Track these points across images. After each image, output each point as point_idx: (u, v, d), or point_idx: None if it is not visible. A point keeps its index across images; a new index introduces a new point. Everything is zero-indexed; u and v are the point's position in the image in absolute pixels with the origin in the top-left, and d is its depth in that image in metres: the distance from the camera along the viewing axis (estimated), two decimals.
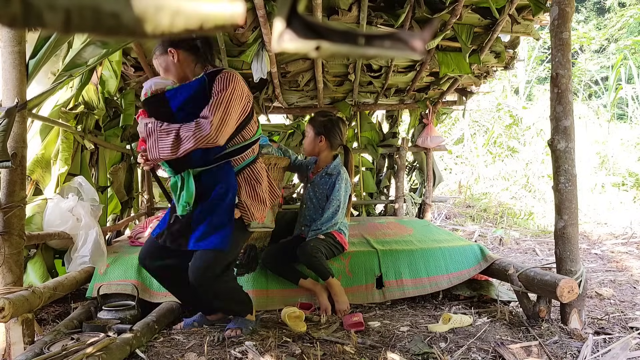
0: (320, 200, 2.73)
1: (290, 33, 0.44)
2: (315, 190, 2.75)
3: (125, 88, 3.71)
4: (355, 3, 3.00)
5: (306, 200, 2.77)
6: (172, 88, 1.92)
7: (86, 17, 0.36)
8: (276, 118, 5.27)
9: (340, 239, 2.65)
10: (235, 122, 1.93)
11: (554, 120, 2.22)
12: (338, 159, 2.81)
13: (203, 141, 1.83)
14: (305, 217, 2.75)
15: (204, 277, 1.92)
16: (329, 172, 2.75)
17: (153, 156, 1.88)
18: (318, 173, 2.78)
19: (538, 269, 2.23)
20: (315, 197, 2.74)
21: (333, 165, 2.76)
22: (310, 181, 2.80)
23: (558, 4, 2.20)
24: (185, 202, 1.94)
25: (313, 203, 2.74)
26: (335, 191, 2.67)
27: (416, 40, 0.45)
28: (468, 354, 1.85)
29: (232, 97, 1.90)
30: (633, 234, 4.90)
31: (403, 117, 5.35)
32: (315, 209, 2.72)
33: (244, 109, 1.98)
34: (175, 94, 1.90)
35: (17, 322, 1.82)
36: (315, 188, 2.75)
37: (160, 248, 2.05)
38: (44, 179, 2.67)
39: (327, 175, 2.75)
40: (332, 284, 2.46)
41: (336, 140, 2.77)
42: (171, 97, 1.90)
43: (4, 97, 1.91)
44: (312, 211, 2.73)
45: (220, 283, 1.99)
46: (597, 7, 13.91)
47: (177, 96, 1.90)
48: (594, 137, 8.34)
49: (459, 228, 5.66)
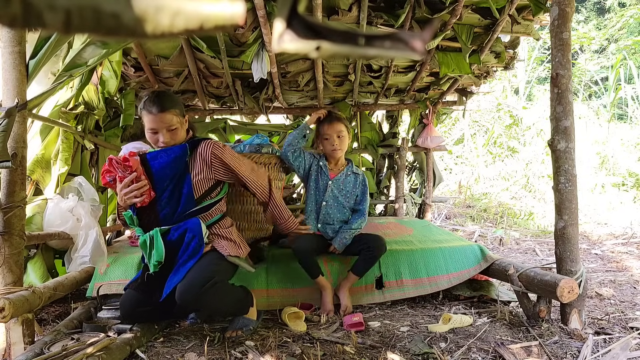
0: (348, 198, 2.71)
1: (290, 33, 0.44)
2: (341, 189, 2.71)
3: (125, 88, 3.72)
4: (355, 3, 3.00)
5: (328, 199, 2.70)
6: (153, 151, 2.11)
7: (86, 18, 0.36)
8: (276, 118, 5.27)
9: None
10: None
11: (554, 121, 2.22)
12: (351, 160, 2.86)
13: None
14: (328, 215, 2.70)
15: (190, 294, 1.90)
16: (355, 171, 2.77)
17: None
18: (342, 172, 2.75)
19: (538, 269, 2.23)
20: (341, 196, 2.71)
21: (356, 166, 2.81)
22: (332, 179, 2.73)
23: (558, 4, 2.20)
24: (156, 262, 2.00)
25: (338, 201, 2.70)
26: (366, 191, 2.74)
27: (416, 40, 0.45)
28: (468, 354, 1.85)
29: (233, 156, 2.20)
30: (633, 234, 4.90)
31: (403, 117, 5.35)
32: (340, 208, 2.70)
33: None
34: (157, 157, 2.08)
35: (17, 322, 1.81)
36: (341, 186, 2.72)
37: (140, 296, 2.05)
38: (44, 179, 2.67)
39: (353, 174, 2.75)
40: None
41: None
42: (151, 159, 2.07)
43: (4, 97, 1.91)
44: (335, 210, 2.69)
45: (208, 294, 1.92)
46: (597, 7, 13.91)
47: (158, 159, 2.08)
48: (594, 137, 8.34)
49: (459, 228, 5.66)
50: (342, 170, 2.75)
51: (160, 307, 2.04)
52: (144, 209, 2.05)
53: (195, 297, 1.87)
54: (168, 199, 2.07)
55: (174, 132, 2.08)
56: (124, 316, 2.04)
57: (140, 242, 2.03)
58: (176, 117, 2.08)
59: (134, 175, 1.98)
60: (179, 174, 2.07)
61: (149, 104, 2.03)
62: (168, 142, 2.08)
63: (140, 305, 2.02)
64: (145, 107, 2.04)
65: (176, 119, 2.08)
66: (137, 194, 1.98)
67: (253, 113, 4.58)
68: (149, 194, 2.02)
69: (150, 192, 2.03)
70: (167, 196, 2.07)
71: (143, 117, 2.09)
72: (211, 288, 1.90)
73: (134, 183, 1.99)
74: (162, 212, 2.07)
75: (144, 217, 2.07)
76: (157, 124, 2.04)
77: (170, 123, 2.05)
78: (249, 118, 4.79)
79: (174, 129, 2.07)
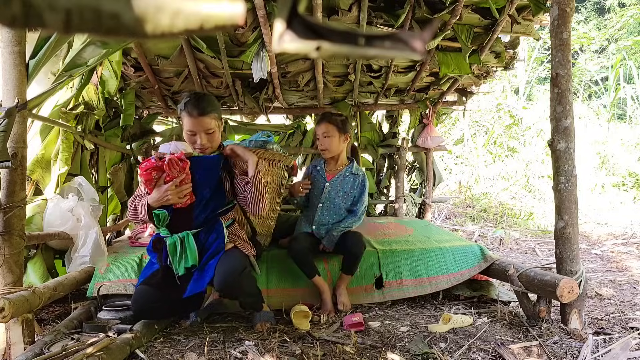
0: (345, 199, 2.70)
1: (290, 33, 0.44)
2: (338, 190, 2.71)
3: (125, 88, 3.72)
4: (355, 3, 3.00)
5: (324, 200, 2.71)
6: (197, 156, 2.12)
7: (86, 18, 0.36)
8: (276, 118, 5.27)
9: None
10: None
11: (554, 121, 2.22)
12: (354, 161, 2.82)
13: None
14: (324, 216, 2.71)
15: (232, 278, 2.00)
16: (354, 172, 2.73)
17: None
18: (340, 172, 2.74)
19: (538, 269, 2.23)
20: (338, 197, 2.70)
21: (356, 166, 2.77)
22: (329, 181, 2.74)
23: (558, 4, 2.20)
24: (191, 265, 2.05)
25: (335, 203, 2.70)
26: (364, 192, 2.71)
27: (416, 40, 0.45)
28: (468, 354, 1.85)
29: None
30: (633, 234, 4.90)
31: (403, 117, 5.35)
32: (336, 209, 2.69)
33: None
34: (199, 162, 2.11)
35: (17, 322, 1.81)
36: (338, 187, 2.71)
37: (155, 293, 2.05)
38: (44, 179, 2.67)
39: (352, 175, 2.73)
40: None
41: (352, 137, 2.79)
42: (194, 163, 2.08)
43: (4, 98, 1.91)
44: (331, 211, 2.69)
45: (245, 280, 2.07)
46: (597, 7, 13.92)
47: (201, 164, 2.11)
48: (594, 137, 8.34)
49: (459, 228, 5.66)
50: (340, 171, 2.75)
51: (172, 304, 2.08)
52: (180, 211, 2.09)
53: (236, 281, 1.99)
54: (205, 205, 2.13)
55: (212, 135, 2.15)
56: (136, 312, 2.06)
57: (170, 245, 2.05)
58: (215, 121, 2.14)
59: (183, 176, 2.00)
60: (217, 182, 2.16)
61: (190, 107, 2.08)
62: (205, 145, 2.14)
63: (155, 301, 2.04)
64: (186, 109, 2.09)
65: (215, 122, 2.14)
66: (181, 195, 2.01)
67: (253, 113, 4.58)
68: (191, 197, 2.07)
69: (192, 196, 2.07)
70: (204, 202, 2.13)
71: (183, 119, 2.13)
72: (247, 274, 2.08)
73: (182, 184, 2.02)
74: (196, 216, 2.12)
75: (177, 219, 2.10)
76: (196, 126, 2.10)
77: (209, 126, 2.12)
78: (249, 118, 4.79)
79: (212, 132, 2.14)
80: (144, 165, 1.99)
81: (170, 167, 1.98)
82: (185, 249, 2.04)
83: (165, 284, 2.07)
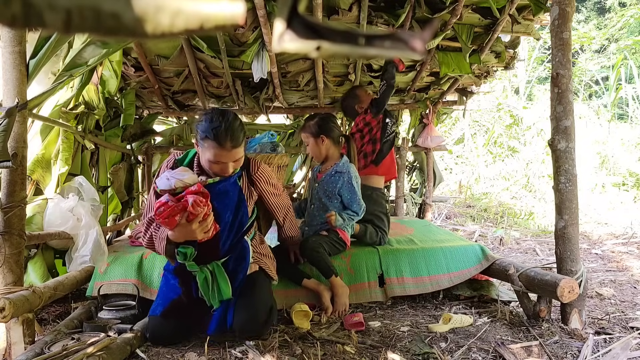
0: (330, 199, 2.70)
1: (290, 33, 0.44)
2: (325, 189, 2.71)
3: (126, 88, 3.72)
4: (356, 3, 3.00)
5: (315, 200, 2.75)
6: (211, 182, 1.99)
7: (86, 17, 0.36)
8: (276, 118, 5.27)
9: (343, 236, 2.65)
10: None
11: (554, 120, 2.22)
12: (345, 157, 2.78)
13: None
14: (314, 217, 2.73)
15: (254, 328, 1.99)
16: (338, 170, 2.71)
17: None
18: (327, 172, 2.74)
19: (538, 269, 2.23)
20: (325, 196, 2.71)
21: (342, 163, 2.72)
22: (318, 181, 2.76)
23: (558, 3, 2.20)
24: (226, 299, 1.98)
25: (322, 202, 2.71)
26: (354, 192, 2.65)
27: (416, 40, 0.45)
28: (468, 354, 1.85)
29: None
30: (633, 234, 4.89)
31: (403, 117, 5.35)
32: (324, 208, 2.70)
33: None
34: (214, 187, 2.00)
35: (17, 322, 1.81)
36: (325, 187, 2.71)
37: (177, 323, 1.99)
38: (45, 179, 2.67)
39: (337, 173, 2.71)
40: (335, 283, 2.44)
41: (335, 133, 2.76)
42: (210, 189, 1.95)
43: (4, 97, 1.91)
44: (322, 211, 2.70)
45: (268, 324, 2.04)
46: (598, 7, 13.91)
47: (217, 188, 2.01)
48: (595, 137, 8.34)
49: (460, 228, 5.66)
50: (328, 171, 2.75)
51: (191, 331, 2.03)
52: (205, 242, 1.92)
53: (259, 330, 1.98)
54: (229, 229, 2.04)
55: (238, 161, 1.99)
56: (154, 342, 1.96)
57: (201, 281, 1.96)
58: (242, 147, 1.99)
59: (205, 209, 1.81)
60: (237, 203, 2.04)
61: (222, 138, 1.85)
62: (231, 173, 1.99)
63: (174, 333, 1.98)
64: (217, 140, 1.85)
65: (242, 148, 1.99)
66: (206, 229, 1.85)
67: (253, 113, 4.58)
68: (215, 227, 1.91)
69: (215, 225, 1.92)
70: (228, 227, 2.03)
71: (209, 145, 1.88)
72: (271, 318, 2.04)
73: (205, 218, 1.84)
74: (223, 244, 2.02)
75: (204, 251, 1.96)
76: (226, 158, 1.91)
77: (239, 156, 1.96)
78: (249, 118, 4.79)
79: (239, 158, 1.98)
80: (164, 212, 1.75)
81: (195, 207, 1.77)
82: (218, 282, 1.95)
83: (190, 316, 1.99)
